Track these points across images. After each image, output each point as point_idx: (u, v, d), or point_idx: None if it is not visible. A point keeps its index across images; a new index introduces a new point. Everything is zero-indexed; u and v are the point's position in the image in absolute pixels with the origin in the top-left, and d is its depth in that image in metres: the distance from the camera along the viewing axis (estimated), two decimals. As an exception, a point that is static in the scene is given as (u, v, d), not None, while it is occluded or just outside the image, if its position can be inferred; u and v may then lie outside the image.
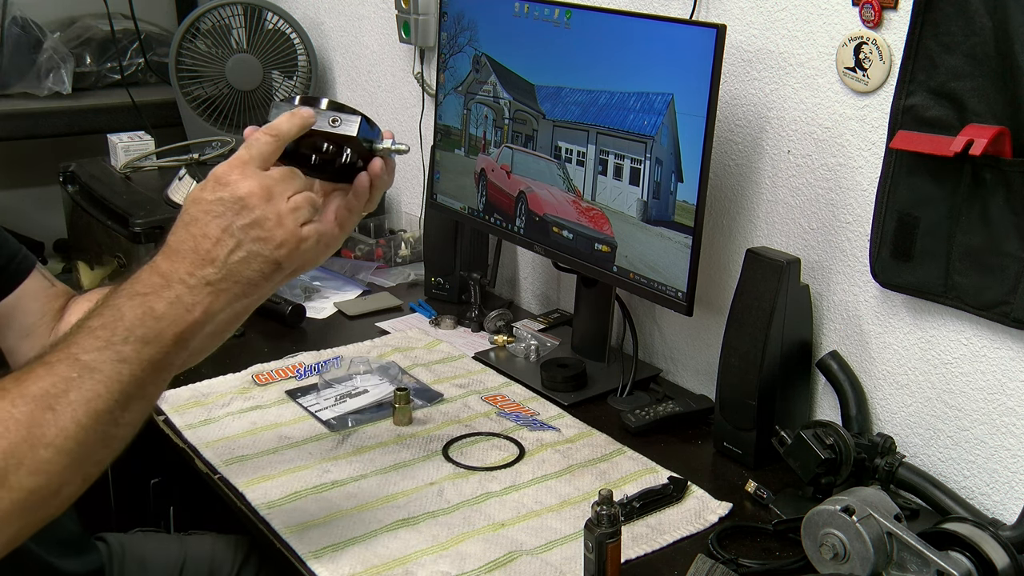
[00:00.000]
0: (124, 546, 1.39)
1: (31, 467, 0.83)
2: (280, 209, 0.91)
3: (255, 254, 0.91)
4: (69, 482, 0.86)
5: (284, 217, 0.91)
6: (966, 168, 1.26)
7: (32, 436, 0.83)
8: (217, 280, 0.90)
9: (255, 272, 0.91)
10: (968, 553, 1.10)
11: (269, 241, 0.91)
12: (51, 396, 0.84)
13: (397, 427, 1.54)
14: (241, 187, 0.90)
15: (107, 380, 0.86)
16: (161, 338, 0.88)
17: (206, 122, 2.47)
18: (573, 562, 1.21)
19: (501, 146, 1.76)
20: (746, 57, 1.55)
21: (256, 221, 0.90)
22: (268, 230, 0.90)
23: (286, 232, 0.91)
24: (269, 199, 0.91)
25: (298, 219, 0.92)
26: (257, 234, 0.90)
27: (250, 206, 0.90)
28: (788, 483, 1.39)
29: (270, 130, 0.94)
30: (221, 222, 0.90)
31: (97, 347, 0.86)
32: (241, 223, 0.90)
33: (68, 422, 0.84)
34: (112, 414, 0.87)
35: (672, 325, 1.76)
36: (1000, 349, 1.30)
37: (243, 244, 0.90)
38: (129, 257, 2.09)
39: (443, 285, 2.02)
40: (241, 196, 0.90)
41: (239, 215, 0.90)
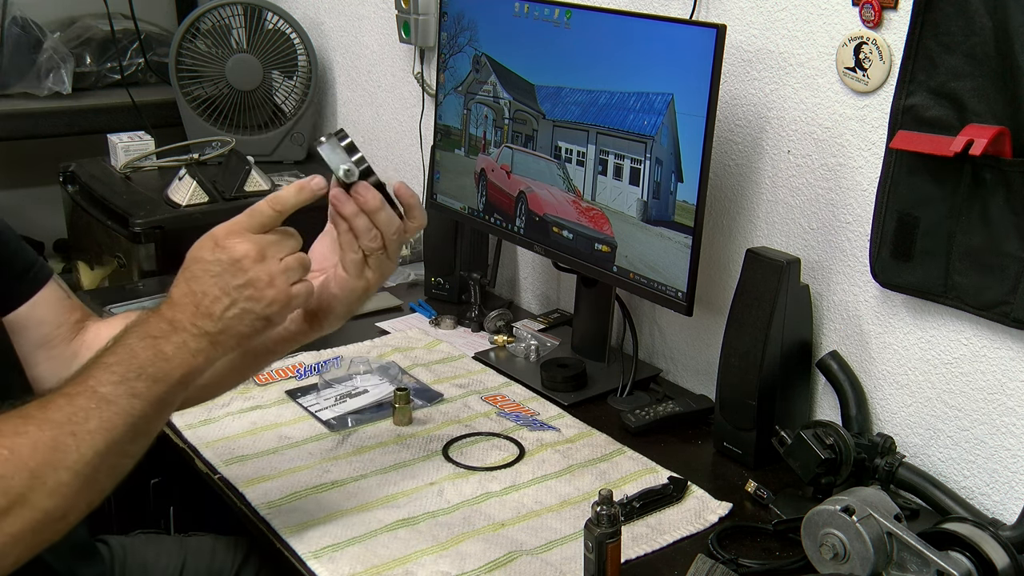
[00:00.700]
0: (125, 549, 1.40)
1: (51, 488, 0.88)
2: (272, 270, 0.98)
3: (247, 311, 0.98)
4: (76, 506, 0.92)
5: (275, 278, 0.98)
6: (966, 168, 1.26)
7: (55, 459, 0.89)
8: (215, 332, 0.97)
9: (247, 327, 0.98)
10: (968, 553, 1.10)
11: (261, 300, 0.98)
12: (73, 423, 0.90)
13: (397, 427, 1.54)
14: (237, 250, 0.97)
15: (122, 413, 0.92)
16: (169, 378, 0.95)
17: (206, 122, 2.47)
18: (573, 562, 1.21)
19: (501, 146, 1.76)
20: (746, 57, 1.55)
21: (249, 282, 0.97)
22: (260, 290, 0.97)
23: (276, 291, 0.98)
24: (262, 260, 0.98)
25: (288, 279, 0.99)
26: (250, 293, 0.97)
27: (244, 268, 0.97)
28: (788, 483, 1.39)
29: (274, 203, 1.00)
30: (218, 281, 0.97)
31: (113, 381, 0.93)
32: (236, 283, 0.97)
33: (87, 449, 0.90)
34: (122, 445, 0.93)
35: (672, 325, 1.77)
36: (1000, 349, 1.30)
37: (237, 302, 0.97)
38: (129, 257, 2.10)
39: (443, 285, 2.02)
40: (237, 259, 0.97)
41: (235, 276, 0.97)
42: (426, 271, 2.05)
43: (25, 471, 0.87)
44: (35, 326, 1.19)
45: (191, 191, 2.13)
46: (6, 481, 0.86)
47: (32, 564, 1.07)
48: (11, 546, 0.87)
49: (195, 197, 2.13)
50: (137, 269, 2.08)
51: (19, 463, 0.87)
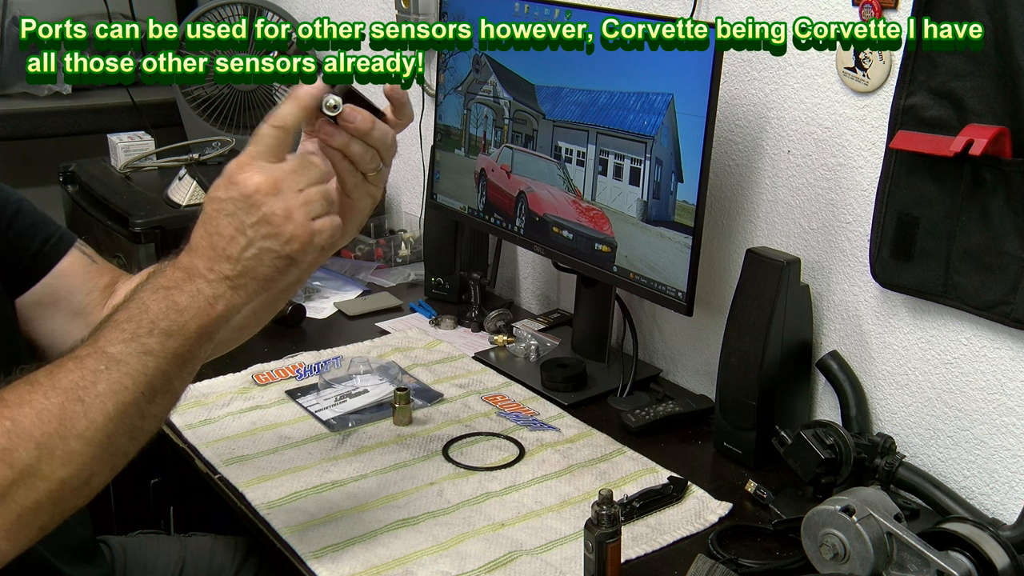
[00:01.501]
0: (126, 549, 1.40)
1: (63, 458, 0.85)
2: (289, 204, 0.90)
3: (267, 250, 0.90)
4: (98, 472, 0.88)
5: (293, 212, 0.90)
6: (966, 168, 1.26)
7: (63, 427, 0.85)
8: (234, 276, 0.90)
9: (269, 268, 0.91)
10: (968, 553, 1.10)
11: (279, 237, 0.90)
12: (80, 388, 0.86)
13: (397, 427, 1.54)
14: (249, 184, 0.90)
15: (133, 372, 0.87)
16: (184, 331, 0.89)
17: (206, 122, 2.47)
18: (573, 562, 1.21)
19: (501, 146, 1.76)
20: (746, 57, 1.55)
21: (264, 218, 0.89)
22: (277, 226, 0.90)
23: (295, 227, 0.90)
24: (277, 193, 0.90)
25: (309, 213, 0.91)
26: (267, 231, 0.90)
27: (257, 203, 0.89)
28: (788, 483, 1.39)
29: (274, 120, 0.93)
30: (233, 221, 0.90)
31: (123, 340, 0.88)
32: (251, 221, 0.90)
33: (97, 414, 0.86)
34: (138, 406, 0.88)
35: (672, 325, 1.76)
36: (1000, 349, 1.30)
37: (255, 242, 0.90)
38: (129, 257, 2.09)
39: (443, 285, 2.02)
40: (248, 194, 0.90)
41: (248, 213, 0.90)
42: (426, 271, 2.05)
43: (30, 442, 0.84)
44: (66, 296, 1.18)
45: (191, 191, 2.13)
46: (10, 453, 0.83)
47: (34, 564, 1.07)
48: (31, 517, 0.85)
49: (195, 197, 2.13)
50: (137, 269, 2.07)
51: (23, 434, 0.84)
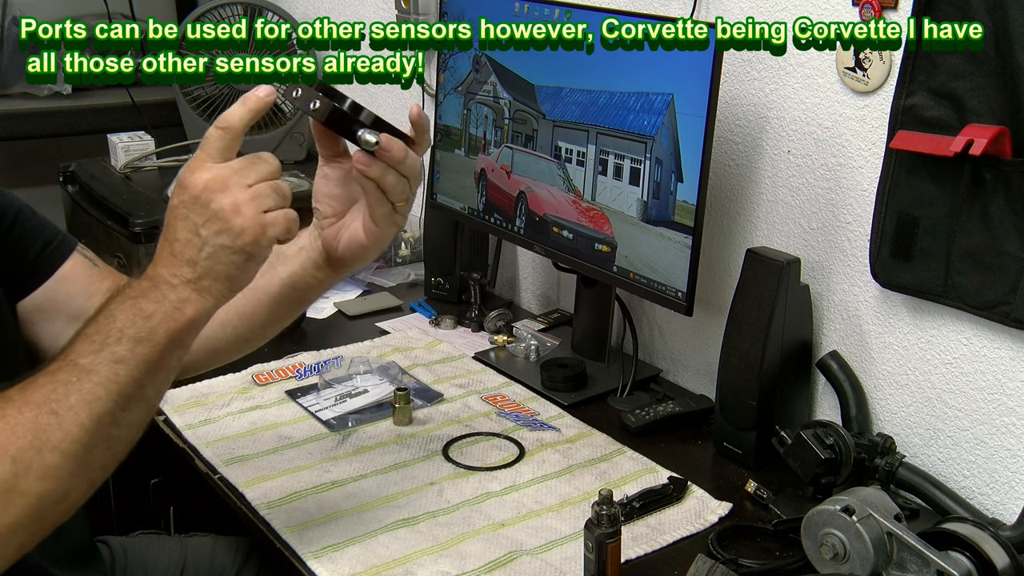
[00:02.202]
0: (126, 549, 1.39)
1: (39, 472, 0.84)
2: (237, 198, 0.90)
3: (221, 247, 0.91)
4: (76, 486, 0.88)
5: (241, 205, 0.90)
6: (966, 168, 1.26)
7: (38, 441, 0.84)
8: (196, 278, 0.91)
9: (226, 265, 0.91)
10: (968, 553, 1.10)
11: (230, 232, 0.90)
12: (53, 401, 0.86)
13: (397, 427, 1.54)
14: (197, 184, 0.91)
15: (105, 381, 0.87)
16: (153, 336, 0.90)
17: (206, 122, 2.46)
18: (573, 562, 1.21)
19: (501, 146, 1.76)
20: (746, 57, 1.55)
21: (214, 214, 0.90)
22: (226, 220, 0.90)
23: (244, 219, 0.90)
24: (224, 189, 0.90)
25: (259, 206, 0.91)
26: (218, 227, 0.90)
27: (206, 201, 0.90)
28: (788, 483, 1.39)
29: (220, 122, 0.94)
30: (187, 224, 0.91)
31: (93, 350, 0.88)
32: (202, 220, 0.90)
33: (71, 425, 0.86)
34: (113, 415, 0.88)
35: (672, 325, 1.77)
36: (1000, 349, 1.30)
37: (208, 240, 0.90)
38: (129, 257, 2.09)
39: (443, 285, 2.02)
40: (197, 194, 0.91)
41: (199, 212, 0.90)
42: (426, 271, 2.05)
43: (5, 457, 0.83)
44: (66, 301, 1.18)
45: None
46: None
47: (30, 571, 1.06)
48: (10, 534, 0.84)
49: (195, 197, 2.13)
50: (137, 269, 2.08)
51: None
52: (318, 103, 0.99)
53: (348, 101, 1.00)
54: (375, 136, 0.99)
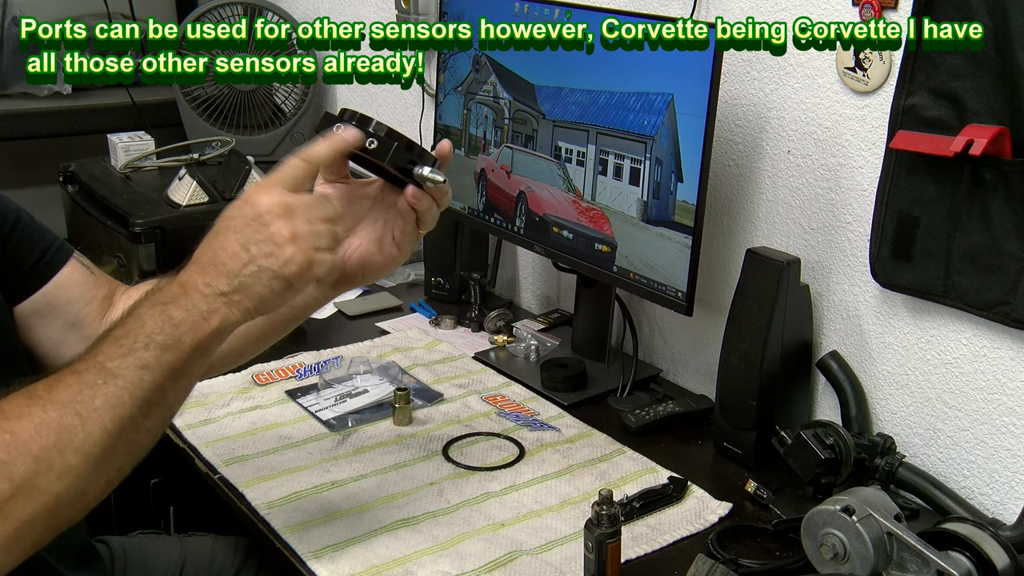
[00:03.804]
0: (126, 549, 1.40)
1: (60, 471, 0.86)
2: (296, 229, 0.92)
3: (265, 269, 0.92)
4: (93, 486, 0.89)
5: (299, 236, 0.92)
6: (966, 168, 1.26)
7: (61, 441, 0.86)
8: (230, 292, 0.92)
9: (265, 288, 0.92)
10: (968, 553, 1.10)
11: (279, 257, 0.91)
12: (78, 402, 0.87)
13: (397, 427, 1.54)
14: (262, 203, 0.92)
15: (130, 386, 0.89)
16: (180, 345, 0.90)
17: (206, 122, 2.47)
18: (573, 562, 1.21)
19: (501, 146, 1.76)
20: (746, 57, 1.55)
21: (270, 236, 0.92)
22: (279, 246, 0.91)
23: (297, 250, 0.92)
24: (288, 217, 0.92)
25: (314, 242, 0.93)
26: (269, 250, 0.91)
27: (266, 222, 0.92)
28: (788, 483, 1.39)
29: (305, 155, 0.97)
30: (239, 237, 0.92)
31: (120, 354, 0.89)
32: (257, 238, 0.92)
33: (95, 427, 0.87)
34: (135, 420, 0.89)
35: (672, 325, 1.77)
36: (1000, 349, 1.30)
37: (256, 259, 0.91)
38: (129, 257, 2.09)
39: (443, 285, 2.02)
40: (260, 213, 0.92)
41: (256, 230, 0.92)
42: (426, 271, 2.05)
43: (28, 455, 0.84)
44: (63, 306, 1.18)
45: (191, 191, 2.13)
46: (9, 466, 0.84)
47: (40, 570, 1.07)
48: (28, 529, 0.85)
49: (195, 197, 2.13)
50: (137, 269, 2.08)
51: (22, 447, 0.84)
52: (375, 142, 1.01)
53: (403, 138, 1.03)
54: (442, 176, 1.03)
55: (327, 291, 1.13)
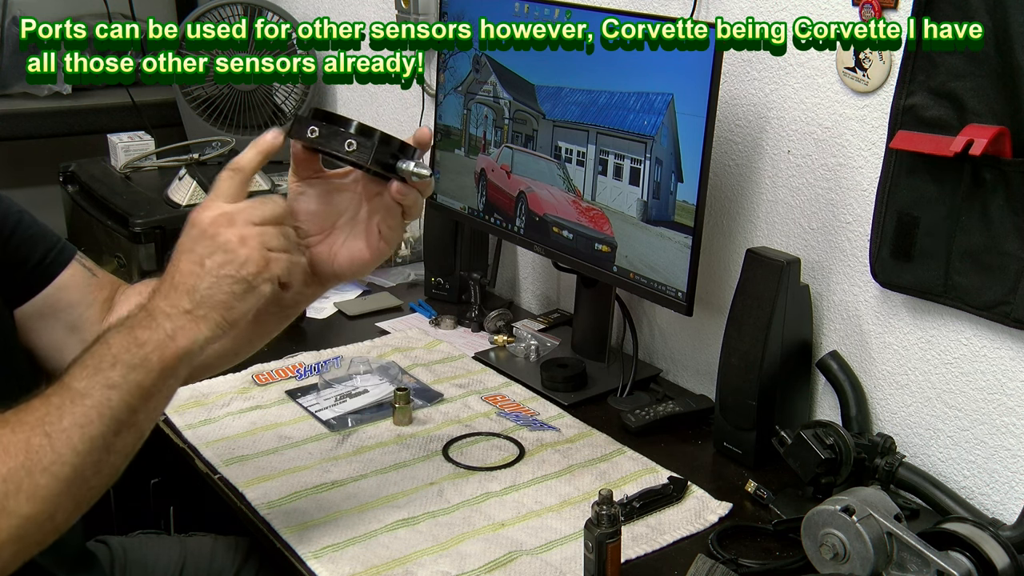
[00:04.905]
0: (126, 549, 1.40)
1: (28, 493, 0.85)
2: (243, 232, 0.93)
3: (223, 277, 0.93)
4: (62, 508, 0.88)
5: (247, 238, 0.93)
6: (966, 168, 1.26)
7: (29, 462, 0.85)
8: (193, 308, 0.92)
9: (227, 294, 0.93)
10: (968, 553, 1.10)
11: (233, 262, 0.93)
12: (47, 423, 0.87)
13: (397, 427, 1.54)
14: (204, 219, 0.94)
15: (98, 405, 0.89)
16: (146, 364, 0.91)
17: (206, 122, 2.47)
18: (573, 562, 1.21)
19: (501, 146, 1.76)
20: (746, 57, 1.55)
21: (220, 245, 0.93)
22: (232, 251, 0.93)
23: (250, 250, 0.93)
24: (231, 224, 0.94)
25: (264, 242, 0.94)
26: (221, 258, 0.93)
27: (212, 234, 0.93)
28: (788, 483, 1.39)
29: (231, 165, 0.98)
30: (191, 256, 0.94)
31: (87, 375, 0.89)
32: (207, 251, 0.93)
33: (63, 447, 0.87)
34: (105, 439, 0.89)
35: (672, 325, 1.77)
36: (1000, 349, 1.30)
37: (211, 270, 0.93)
38: (129, 257, 2.09)
39: (443, 285, 2.02)
40: (204, 228, 0.94)
41: (205, 245, 0.93)
42: (426, 271, 2.05)
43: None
44: (64, 309, 1.18)
45: (191, 191, 2.13)
46: None
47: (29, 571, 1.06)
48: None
49: (195, 197, 2.13)
50: (137, 269, 2.08)
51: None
52: (354, 144, 1.00)
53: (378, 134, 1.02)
54: (427, 169, 1.02)
55: (315, 288, 1.12)
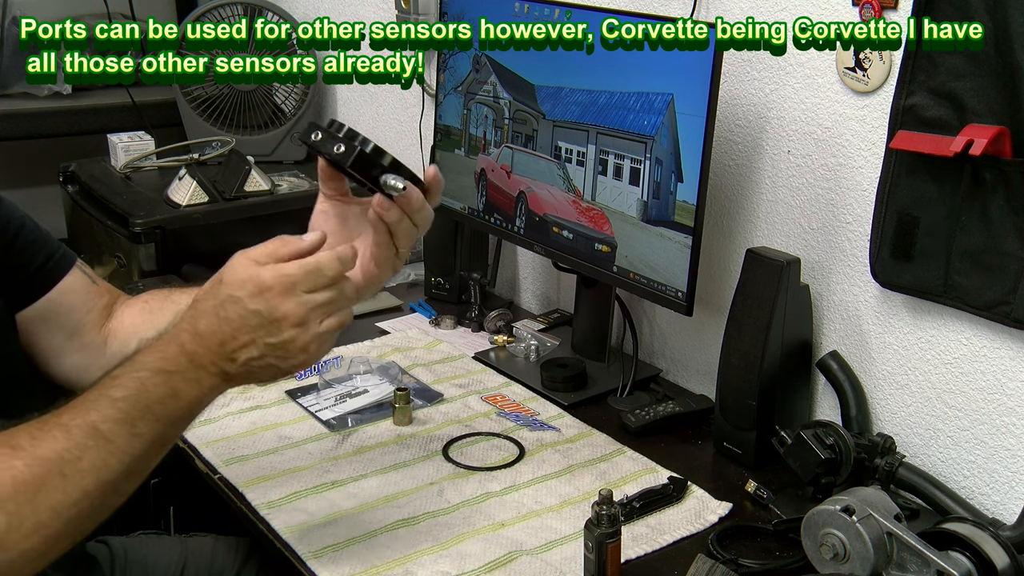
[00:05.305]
0: (126, 549, 1.40)
1: (29, 530, 0.85)
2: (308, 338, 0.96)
3: (272, 366, 0.97)
4: (59, 546, 0.88)
5: (310, 344, 0.96)
6: (966, 168, 1.26)
7: (39, 500, 0.85)
8: (233, 375, 0.96)
9: (268, 377, 0.98)
10: (968, 553, 1.10)
11: (289, 359, 0.96)
12: (65, 462, 0.86)
13: (397, 427, 1.54)
14: (279, 310, 0.94)
15: (120, 452, 0.89)
16: (175, 417, 0.94)
17: (206, 122, 2.47)
18: (573, 562, 1.21)
19: (501, 146, 1.76)
20: (746, 57, 1.55)
21: (283, 343, 0.95)
22: (291, 353, 0.96)
23: (308, 356, 0.97)
24: (301, 325, 0.95)
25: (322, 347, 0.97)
26: (281, 353, 0.96)
27: (281, 329, 0.95)
28: (788, 483, 1.39)
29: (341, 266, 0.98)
30: (252, 333, 0.95)
31: (116, 419, 0.89)
32: (270, 340, 0.95)
33: (75, 491, 0.87)
34: (115, 484, 0.90)
35: (672, 325, 1.77)
36: (1000, 349, 1.30)
37: (265, 357, 0.96)
38: (129, 257, 2.09)
39: (443, 285, 2.02)
40: (277, 319, 0.95)
41: (270, 334, 0.95)
42: (426, 271, 2.05)
43: (1, 512, 0.83)
44: (64, 314, 1.19)
45: (191, 191, 2.14)
46: None
47: None
48: None
49: (195, 197, 2.13)
50: (137, 269, 2.08)
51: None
52: (343, 147, 1.00)
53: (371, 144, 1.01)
54: (403, 183, 1.01)
55: None
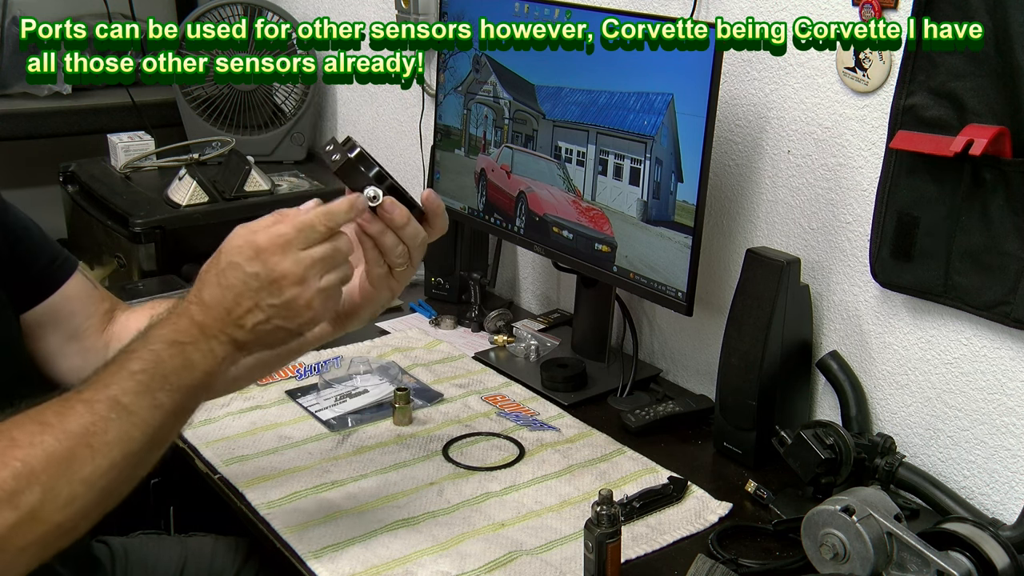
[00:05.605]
0: (126, 549, 1.40)
1: (64, 502, 0.87)
2: (310, 293, 0.96)
3: (280, 328, 0.97)
4: (89, 517, 0.91)
5: (313, 300, 0.96)
6: (966, 168, 1.26)
7: (70, 472, 0.87)
8: (244, 342, 0.97)
9: (278, 340, 0.99)
10: (968, 553, 1.10)
11: (295, 319, 0.97)
12: (91, 434, 0.88)
13: (397, 427, 1.54)
14: (277, 269, 0.95)
15: (142, 424, 0.91)
16: (193, 387, 0.95)
17: (206, 122, 2.47)
18: (573, 562, 1.21)
19: (501, 146, 1.76)
20: (746, 57, 1.55)
21: (286, 303, 0.96)
22: (295, 311, 0.96)
23: (313, 313, 0.97)
24: (301, 283, 0.95)
25: (326, 302, 0.97)
26: (286, 313, 0.96)
27: (282, 288, 0.95)
28: (788, 483, 1.39)
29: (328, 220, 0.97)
30: (255, 296, 0.96)
31: (136, 391, 0.91)
32: (272, 301, 0.96)
33: (104, 461, 0.89)
34: (141, 456, 0.92)
35: (672, 325, 1.77)
36: (1000, 349, 1.30)
37: (272, 319, 0.96)
38: (129, 257, 2.10)
39: (443, 285, 2.02)
40: (275, 279, 0.95)
41: (272, 295, 0.95)
42: (426, 271, 2.05)
43: (37, 485, 0.85)
44: (66, 318, 1.20)
45: (191, 191, 2.14)
46: (18, 496, 0.84)
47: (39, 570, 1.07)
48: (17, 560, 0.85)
49: (195, 197, 2.13)
50: (137, 269, 2.08)
51: (31, 476, 0.85)
52: (337, 156, 1.02)
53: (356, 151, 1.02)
54: (375, 192, 1.01)
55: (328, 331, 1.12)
